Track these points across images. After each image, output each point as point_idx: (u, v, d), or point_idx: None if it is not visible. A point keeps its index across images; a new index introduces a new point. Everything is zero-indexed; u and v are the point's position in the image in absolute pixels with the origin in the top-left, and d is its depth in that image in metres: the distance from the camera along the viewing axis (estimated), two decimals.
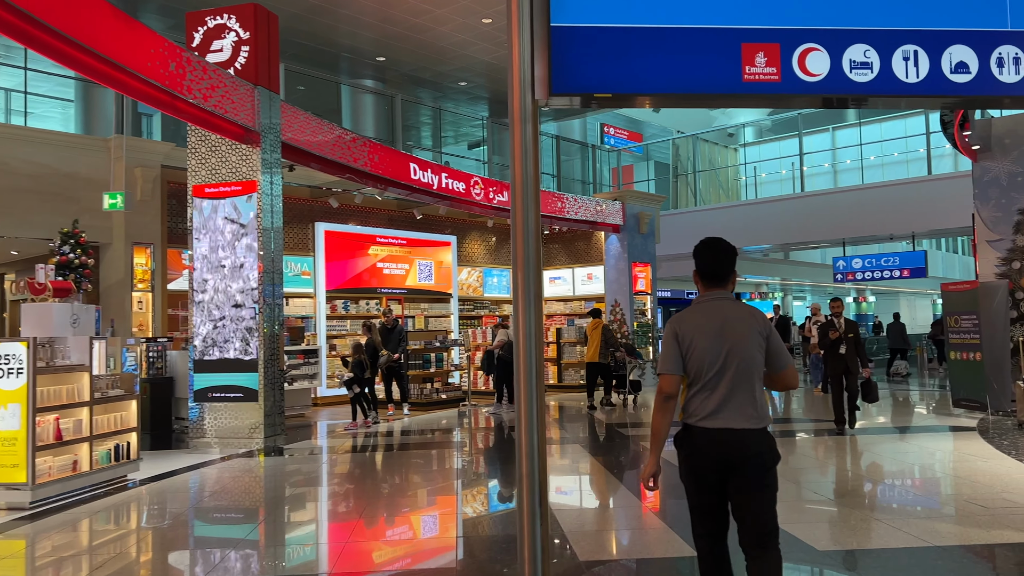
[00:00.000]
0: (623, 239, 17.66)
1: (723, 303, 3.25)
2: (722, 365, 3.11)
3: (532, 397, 3.53)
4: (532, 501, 3.54)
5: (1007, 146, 11.45)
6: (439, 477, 7.83)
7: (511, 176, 3.63)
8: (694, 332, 3.19)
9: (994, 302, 10.95)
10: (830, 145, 23.10)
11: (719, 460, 3.10)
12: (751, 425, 3.10)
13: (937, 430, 9.85)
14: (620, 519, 5.93)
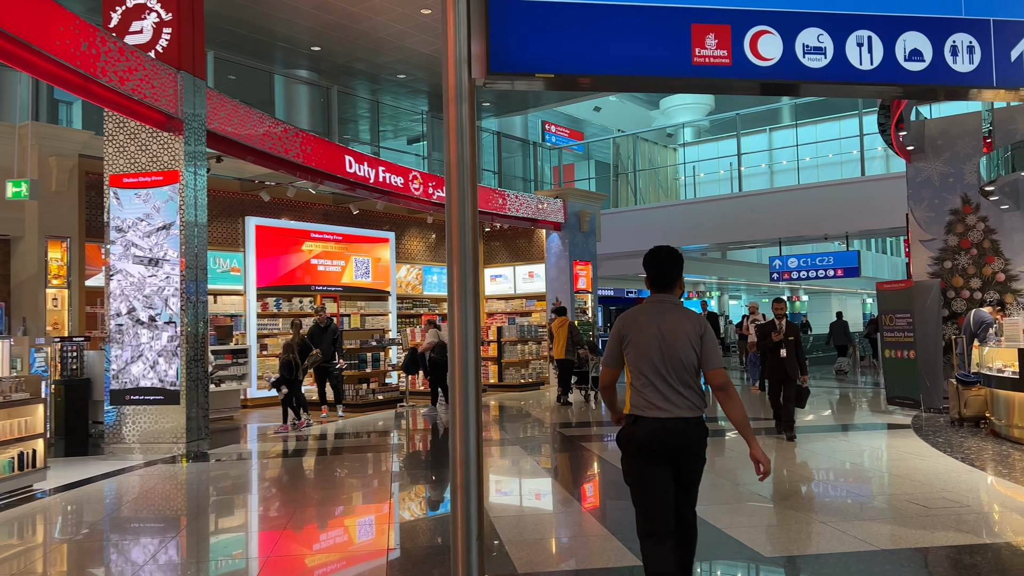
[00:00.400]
0: (564, 237, 17.51)
1: (665, 306, 3.56)
2: (661, 361, 3.43)
3: (468, 400, 3.25)
4: (467, 511, 3.26)
5: (939, 147, 11.64)
6: (373, 482, 7.48)
7: (445, 160, 3.34)
8: (636, 331, 3.52)
9: (927, 301, 11.12)
10: (767, 146, 23.42)
11: (662, 445, 3.40)
12: (688, 414, 3.43)
13: (874, 428, 9.93)
14: (561, 526, 5.69)
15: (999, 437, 8.65)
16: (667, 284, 3.60)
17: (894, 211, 17.93)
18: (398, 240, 16.88)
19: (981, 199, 11.25)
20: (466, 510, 3.27)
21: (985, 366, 9.15)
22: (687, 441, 3.42)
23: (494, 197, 15.83)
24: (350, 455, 9.17)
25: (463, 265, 3.22)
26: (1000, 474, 6.92)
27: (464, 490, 3.25)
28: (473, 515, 3.26)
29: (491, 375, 16.45)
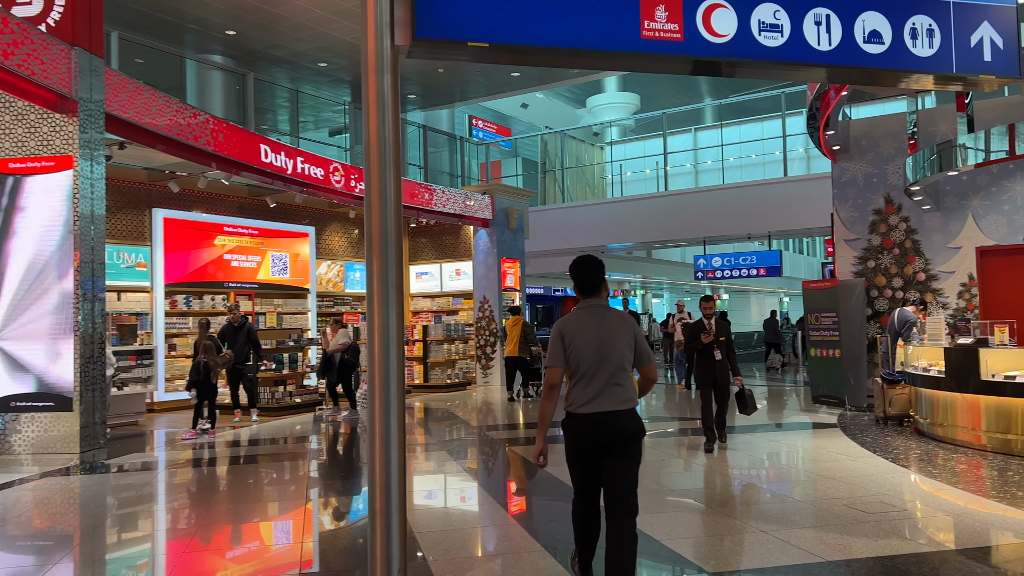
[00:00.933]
0: (492, 234, 17.14)
1: (598, 309, 3.83)
2: (597, 360, 3.69)
3: (390, 407, 2.84)
4: (387, 525, 2.85)
5: (863, 147, 11.75)
6: (288, 491, 6.93)
7: (364, 138, 2.91)
8: (575, 333, 3.76)
9: (852, 300, 11.20)
10: (692, 145, 23.60)
11: (598, 437, 3.69)
12: (622, 407, 3.70)
13: (801, 427, 9.90)
14: (486, 535, 5.31)
15: (923, 435, 8.70)
16: (594, 289, 3.87)
17: (816, 211, 18.25)
18: (318, 235, 16.20)
19: (903, 199, 11.41)
20: (386, 524, 2.86)
21: (910, 365, 9.21)
22: (622, 432, 3.70)
23: (420, 192, 15.35)
24: (264, 462, 8.57)
25: (384, 254, 2.81)
26: (931, 475, 6.88)
27: (384, 516, 2.84)
28: (393, 526, 2.86)
29: (416, 375, 15.96)
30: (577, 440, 3.76)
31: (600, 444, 3.70)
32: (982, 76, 3.43)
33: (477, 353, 16.97)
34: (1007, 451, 7.48)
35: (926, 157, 9.13)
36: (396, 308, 2.81)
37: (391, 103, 2.88)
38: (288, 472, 7.80)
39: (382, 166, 2.82)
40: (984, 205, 10.91)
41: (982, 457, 7.48)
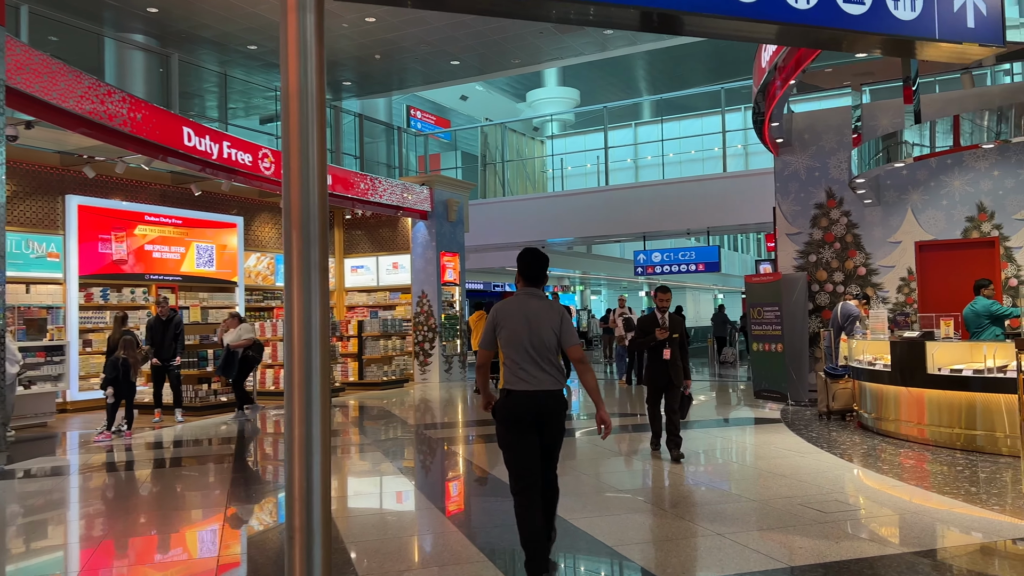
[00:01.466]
0: (431, 226, 16.66)
1: (532, 297, 4.16)
2: (528, 343, 4.02)
3: (312, 407, 2.41)
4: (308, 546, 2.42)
5: (806, 141, 11.71)
6: (208, 497, 6.37)
7: (282, 91, 2.46)
8: (508, 318, 4.10)
9: (794, 294, 11.13)
10: (632, 140, 23.52)
11: (529, 414, 4.02)
12: (550, 387, 4.05)
13: (746, 423, 9.75)
14: (423, 543, 4.90)
15: (867, 430, 8.63)
16: (538, 280, 4.22)
17: (754, 207, 18.31)
18: (247, 226, 15.46)
19: (845, 193, 11.40)
20: (307, 553, 2.42)
21: (854, 359, 9.14)
22: (550, 410, 4.04)
23: (356, 181, 14.77)
24: (185, 466, 7.96)
25: (305, 226, 2.37)
26: (882, 471, 6.74)
27: (305, 534, 2.40)
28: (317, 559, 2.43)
29: (351, 373, 15.39)
30: (512, 414, 4.06)
31: (531, 419, 4.04)
32: (965, 43, 3.19)
33: (415, 349, 16.48)
34: (952, 445, 7.42)
35: (872, 150, 9.06)
36: (319, 294, 2.38)
37: (314, 50, 2.45)
38: (210, 475, 7.22)
39: (303, 124, 2.38)
40: (923, 200, 10.97)
41: (928, 452, 7.41)
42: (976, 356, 7.49)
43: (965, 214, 10.69)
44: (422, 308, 16.43)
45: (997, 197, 10.49)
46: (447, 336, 16.59)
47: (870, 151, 9.09)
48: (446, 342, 16.50)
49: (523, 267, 4.22)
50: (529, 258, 4.22)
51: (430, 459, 8.09)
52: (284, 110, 2.41)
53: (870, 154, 8.99)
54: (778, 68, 8.09)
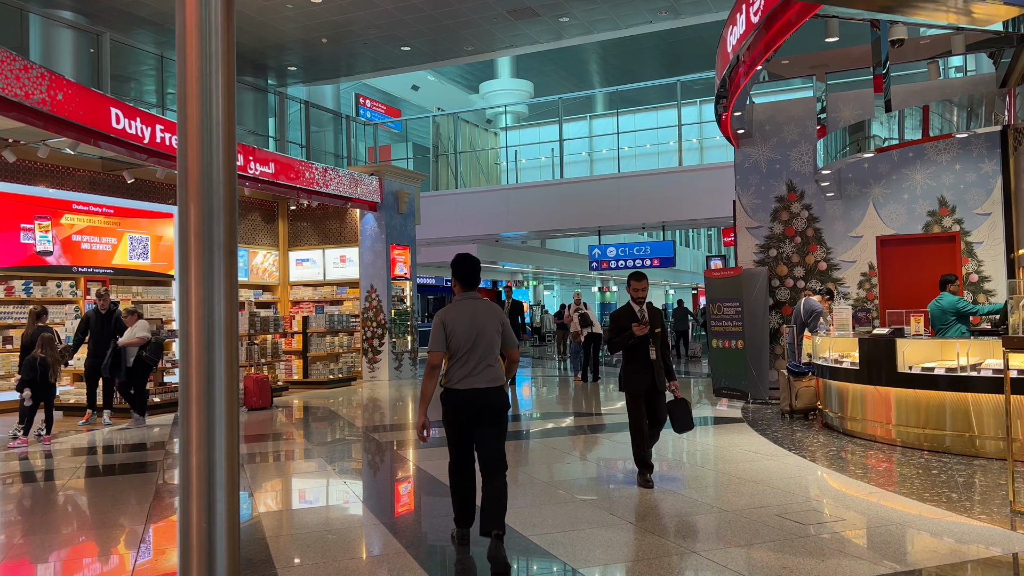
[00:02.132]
0: (380, 218, 16.04)
1: (474, 301, 4.48)
2: (472, 345, 4.34)
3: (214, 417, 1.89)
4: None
5: (767, 132, 11.44)
6: (131, 510, 5.73)
7: (176, 20, 1.92)
8: (455, 321, 4.39)
9: (755, 289, 10.85)
10: (587, 133, 23.19)
11: (471, 409, 4.36)
12: (492, 385, 4.37)
13: (707, 423, 9.40)
14: (365, 561, 4.38)
15: (832, 430, 8.36)
16: (474, 284, 4.54)
17: (710, 201, 18.12)
18: None
19: (806, 186, 11.16)
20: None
21: (818, 356, 8.87)
22: (490, 405, 4.37)
23: (300, 170, 14.08)
24: (114, 474, 7.27)
25: (207, 201, 1.84)
26: (856, 476, 6.43)
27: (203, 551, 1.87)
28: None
29: (295, 371, 14.70)
30: (454, 411, 4.44)
31: (473, 414, 4.39)
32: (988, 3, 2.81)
33: (364, 346, 15.86)
34: (920, 446, 7.17)
35: (838, 141, 8.79)
36: (225, 282, 1.85)
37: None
38: (137, 486, 6.56)
39: (204, 58, 1.85)
40: (885, 194, 10.78)
41: (898, 453, 7.14)
42: (947, 354, 7.25)
43: (927, 208, 10.54)
44: (371, 303, 15.81)
45: (958, 191, 10.35)
46: (397, 332, 16.00)
47: (837, 142, 8.82)
48: (396, 338, 15.92)
49: (461, 273, 4.53)
50: (468, 264, 4.54)
51: (377, 466, 7.55)
52: (179, 40, 1.87)
53: (837, 145, 8.72)
54: (747, 49, 7.72)
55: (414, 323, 16.64)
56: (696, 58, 23.41)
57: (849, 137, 8.46)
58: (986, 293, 10.11)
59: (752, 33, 7.35)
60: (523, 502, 5.54)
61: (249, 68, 18.34)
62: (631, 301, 6.11)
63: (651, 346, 5.96)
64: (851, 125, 8.58)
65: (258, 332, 12.94)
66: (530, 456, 7.51)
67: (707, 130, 20.99)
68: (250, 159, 12.92)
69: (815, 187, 11.07)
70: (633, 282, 6.05)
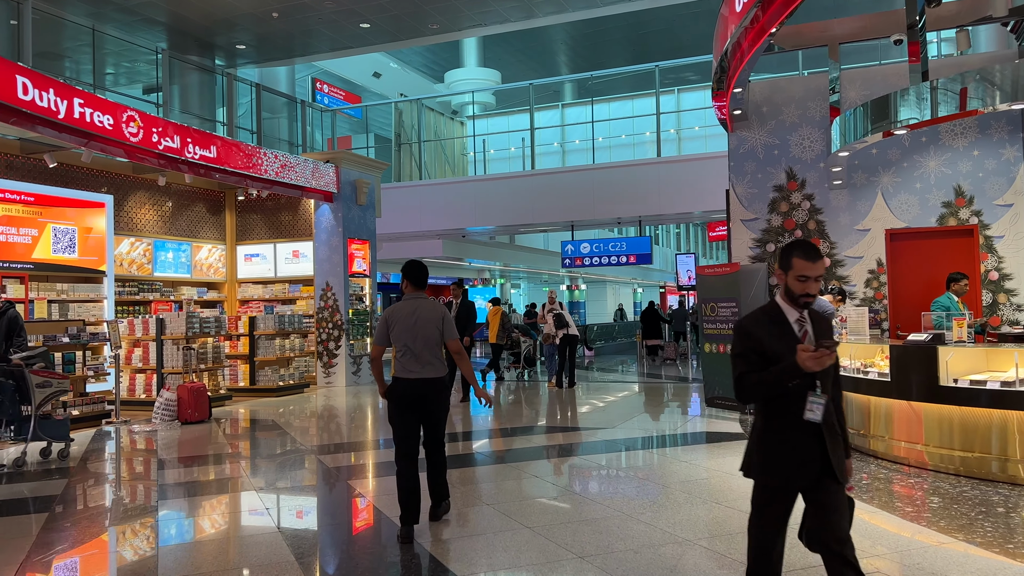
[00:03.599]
0: (337, 210, 14.72)
1: (419, 300, 5.10)
2: (413, 339, 4.94)
3: None
4: None
5: (764, 115, 10.37)
6: (41, 542, 4.42)
7: None
8: (398, 318, 5.01)
9: (753, 287, 9.78)
10: (559, 122, 22.04)
11: (413, 396, 4.95)
12: (433, 375, 4.97)
13: (705, 440, 8.28)
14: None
15: (853, 450, 7.29)
16: (422, 286, 5.18)
17: (691, 195, 17.09)
18: (118, 206, 13.18)
19: (808, 174, 10.12)
20: None
21: None
22: (430, 393, 4.96)
23: (246, 155, 12.70)
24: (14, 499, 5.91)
25: None
26: (891, 508, 5.34)
27: None
28: None
29: (241, 377, 13.32)
30: (400, 398, 4.94)
31: (415, 400, 4.93)
32: None
33: (318, 349, 14.53)
34: (960, 471, 6.12)
35: (858, 119, 7.71)
36: None
37: None
38: (54, 510, 5.22)
39: None
40: (895, 183, 9.78)
41: (944, 482, 6.08)
42: (995, 364, 6.22)
43: (941, 199, 9.55)
44: (326, 302, 14.49)
45: (976, 180, 9.38)
46: (355, 334, 14.69)
47: (856, 122, 7.74)
48: (354, 340, 14.62)
49: (410, 276, 5.15)
50: (417, 269, 5.17)
51: (322, 503, 6.28)
52: None
53: (856, 125, 7.64)
54: (761, 7, 6.60)
55: (374, 324, 15.33)
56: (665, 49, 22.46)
57: (872, 114, 7.40)
58: (1007, 292, 9.15)
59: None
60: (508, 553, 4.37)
61: (194, 46, 16.85)
62: (783, 300, 3.14)
63: (818, 393, 3.03)
64: (873, 100, 7.51)
65: (197, 335, 11.56)
66: (500, 489, 6.30)
67: (686, 120, 19.99)
68: (188, 141, 11.53)
69: (817, 175, 10.04)
70: (801, 261, 3.04)
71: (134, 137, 10.51)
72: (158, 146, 10.94)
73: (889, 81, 9.54)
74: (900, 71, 9.60)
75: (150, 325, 11.71)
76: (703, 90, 20.12)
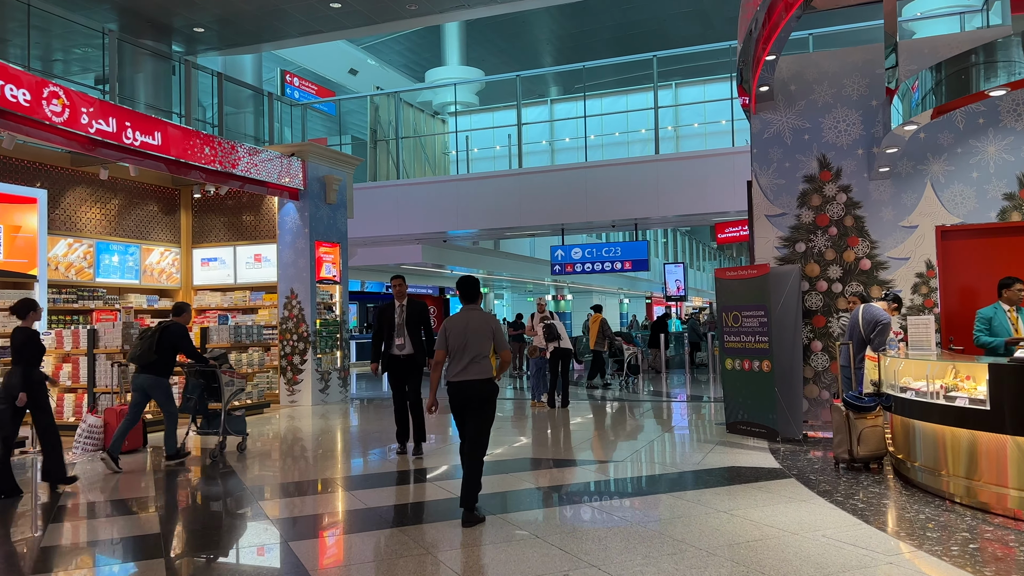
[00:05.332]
0: (304, 209, 13.20)
1: (472, 312, 5.63)
2: (466, 346, 5.48)
3: None
4: None
5: (792, 94, 9.01)
6: None
7: None
8: (454, 327, 5.55)
9: (784, 293, 8.37)
10: (548, 118, 20.66)
11: (464, 397, 5.49)
12: (481, 377, 5.47)
13: (740, 479, 6.80)
14: None
15: (917, 489, 5.88)
16: (474, 300, 5.70)
17: (692, 194, 15.75)
18: (54, 202, 11.60)
19: (843, 162, 8.76)
20: None
21: (891, 385, 6.40)
22: (479, 393, 5.45)
23: (199, 144, 11.15)
24: None
25: None
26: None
27: None
28: None
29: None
30: (452, 397, 5.54)
31: (464, 401, 5.49)
32: None
33: (281, 364, 12.96)
34: None
35: (924, 84, 6.33)
36: None
37: None
38: None
39: None
40: (947, 171, 8.43)
41: None
42: None
43: (1002, 190, 8.22)
44: (291, 312, 12.94)
45: None
46: (324, 347, 13.15)
47: (922, 87, 6.34)
48: (322, 354, 13.08)
49: (465, 292, 5.71)
50: (469, 284, 5.72)
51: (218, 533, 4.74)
52: None
53: (940, 87, 6.21)
54: None
55: (345, 336, 13.79)
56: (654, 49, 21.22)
57: (946, 73, 6.01)
58: None
59: None
60: None
61: (148, 29, 15.29)
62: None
63: None
64: (951, 58, 6.12)
65: None
66: (479, 563, 4.81)
67: (684, 116, 18.69)
68: (126, 125, 9.97)
69: (855, 163, 8.69)
70: None
71: (57, 117, 8.95)
72: (88, 129, 9.37)
73: (939, 53, 8.20)
74: (953, 41, 8.26)
75: (81, 337, 10.12)
76: (702, 84, 18.84)
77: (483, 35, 27.65)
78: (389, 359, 7.98)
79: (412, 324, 7.96)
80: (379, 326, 8.14)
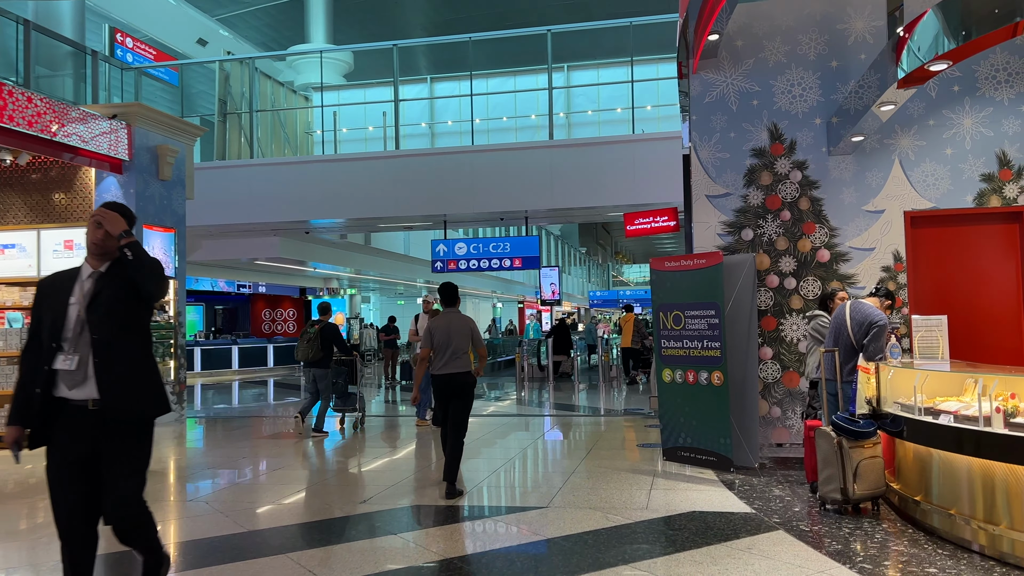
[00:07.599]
0: (129, 184, 10.62)
1: (452, 314, 6.35)
2: (448, 344, 6.15)
3: None
4: None
5: (739, 50, 7.52)
6: None
7: None
8: (438, 328, 6.24)
9: (735, 289, 6.84)
10: (427, 95, 18.66)
11: (446, 387, 6.17)
12: (462, 370, 6.17)
13: (714, 530, 5.12)
14: None
15: (936, 538, 4.42)
16: (454, 303, 6.41)
17: (593, 185, 14.26)
18: None
19: (797, 133, 7.36)
20: None
21: (896, 403, 4.94)
22: (461, 384, 6.15)
23: None
24: None
25: None
26: None
27: None
28: None
29: None
30: (436, 388, 6.25)
31: (447, 391, 6.18)
32: None
33: None
34: None
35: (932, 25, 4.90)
36: None
37: None
38: None
39: None
40: (917, 148, 7.18)
41: None
42: None
43: (980, 170, 7.05)
44: None
45: None
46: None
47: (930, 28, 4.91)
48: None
49: (444, 297, 6.42)
50: (451, 291, 6.43)
51: None
52: None
53: (968, 13, 4.78)
54: None
55: (181, 342, 11.24)
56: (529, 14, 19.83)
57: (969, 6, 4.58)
58: None
59: None
60: None
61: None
62: None
63: None
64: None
65: None
66: None
67: (576, 101, 17.24)
68: None
69: (812, 135, 7.32)
70: None
71: None
72: None
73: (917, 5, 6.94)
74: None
75: None
76: (596, 68, 17.48)
77: (351, 14, 25.30)
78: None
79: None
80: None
